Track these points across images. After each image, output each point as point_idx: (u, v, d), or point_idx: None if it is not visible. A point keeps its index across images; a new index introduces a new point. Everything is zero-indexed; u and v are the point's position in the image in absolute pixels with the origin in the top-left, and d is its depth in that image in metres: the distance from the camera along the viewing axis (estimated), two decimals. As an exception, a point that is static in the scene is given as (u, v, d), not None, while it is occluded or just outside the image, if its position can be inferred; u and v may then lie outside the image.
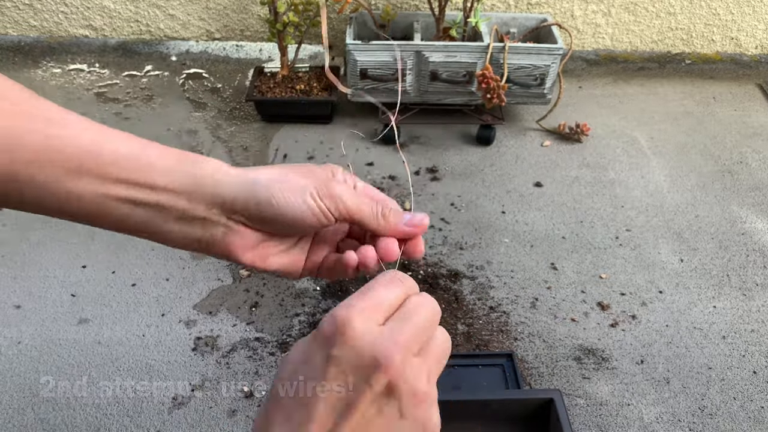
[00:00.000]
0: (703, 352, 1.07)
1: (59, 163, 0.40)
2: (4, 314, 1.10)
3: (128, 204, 0.42)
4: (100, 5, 1.85)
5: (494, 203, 1.38)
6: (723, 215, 1.36)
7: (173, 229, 0.43)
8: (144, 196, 0.42)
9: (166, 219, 0.43)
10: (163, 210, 0.42)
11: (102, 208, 0.42)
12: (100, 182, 0.41)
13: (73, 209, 0.41)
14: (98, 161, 0.40)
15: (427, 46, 1.44)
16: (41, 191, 0.40)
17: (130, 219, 0.43)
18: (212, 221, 0.43)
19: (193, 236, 0.44)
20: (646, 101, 1.74)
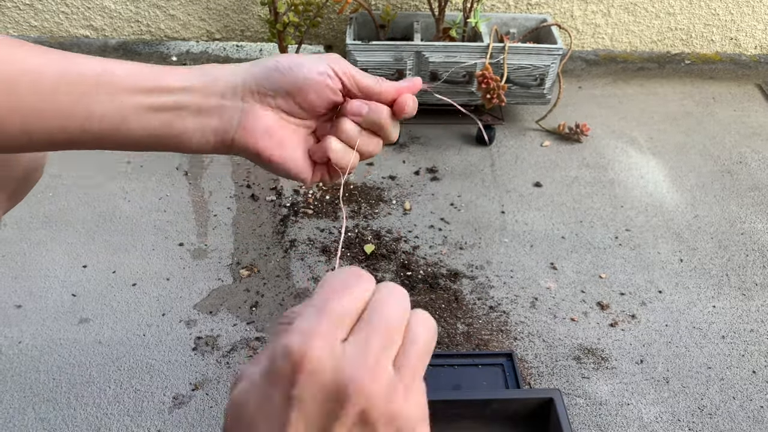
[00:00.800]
0: (702, 351, 1.07)
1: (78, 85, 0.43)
2: (5, 314, 1.10)
3: (147, 111, 0.45)
4: (100, 5, 1.85)
5: (494, 203, 1.38)
6: (722, 215, 1.36)
7: (190, 125, 0.46)
8: (161, 99, 0.45)
9: (184, 116, 0.46)
10: (180, 109, 0.45)
11: (123, 120, 0.44)
12: (118, 94, 0.44)
13: (95, 128, 0.44)
14: (113, 77, 0.44)
15: (427, 46, 1.44)
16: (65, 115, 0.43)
17: (150, 126, 0.45)
18: (227, 107, 0.46)
19: (209, 127, 0.46)
20: (645, 101, 1.74)
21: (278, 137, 0.48)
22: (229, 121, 0.46)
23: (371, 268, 1.20)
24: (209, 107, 0.46)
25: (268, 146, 0.47)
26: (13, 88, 0.42)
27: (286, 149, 0.48)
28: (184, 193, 1.39)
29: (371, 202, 1.36)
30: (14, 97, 0.42)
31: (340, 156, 0.49)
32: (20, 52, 0.43)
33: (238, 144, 0.47)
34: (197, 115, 0.46)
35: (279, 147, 0.48)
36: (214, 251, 1.24)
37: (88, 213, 1.32)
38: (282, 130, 0.48)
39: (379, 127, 0.50)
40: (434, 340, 0.33)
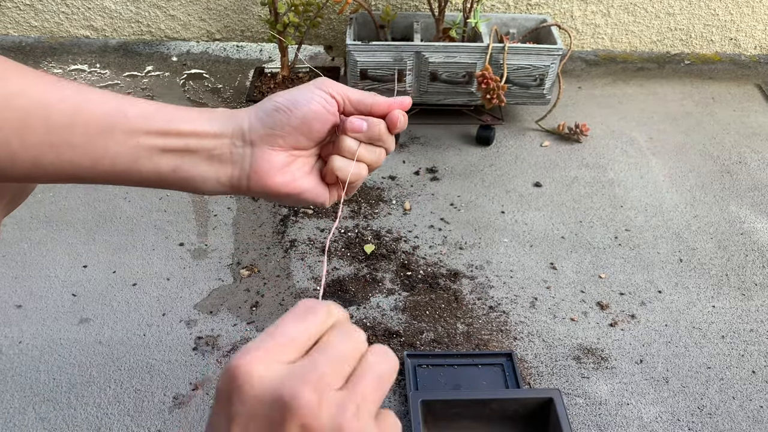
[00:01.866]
0: (702, 351, 1.07)
1: (92, 124, 0.44)
2: (5, 314, 1.10)
3: (159, 153, 0.46)
4: (101, 6, 1.86)
5: (494, 203, 1.38)
6: (722, 215, 1.36)
7: (205, 170, 0.48)
8: (173, 142, 0.46)
9: (196, 161, 0.47)
10: (191, 153, 0.47)
11: (135, 160, 0.46)
12: (131, 136, 0.45)
13: (107, 167, 0.45)
14: (127, 118, 0.45)
15: (426, 46, 1.45)
16: (77, 153, 0.44)
17: (162, 167, 0.46)
18: (238, 153, 0.48)
19: (224, 173, 0.48)
20: (645, 101, 1.75)
21: (290, 172, 0.50)
22: (241, 167, 0.48)
23: (371, 267, 1.20)
24: (220, 154, 0.48)
25: (283, 183, 0.49)
26: (26, 123, 0.42)
27: (301, 181, 0.50)
28: (184, 193, 1.39)
29: (371, 202, 1.37)
30: (28, 131, 0.42)
31: (346, 172, 0.51)
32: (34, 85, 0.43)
33: (254, 187, 0.49)
34: (209, 160, 0.47)
35: (293, 181, 0.50)
36: (215, 251, 1.24)
37: (88, 213, 1.33)
38: (293, 164, 0.50)
39: (378, 139, 0.52)
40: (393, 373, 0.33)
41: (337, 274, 1.19)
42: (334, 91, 0.50)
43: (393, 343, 1.06)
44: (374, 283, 1.17)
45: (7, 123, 0.41)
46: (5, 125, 0.41)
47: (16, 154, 0.42)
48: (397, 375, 1.03)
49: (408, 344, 1.06)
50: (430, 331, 1.09)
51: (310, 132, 0.49)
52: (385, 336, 1.07)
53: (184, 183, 0.48)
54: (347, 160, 0.51)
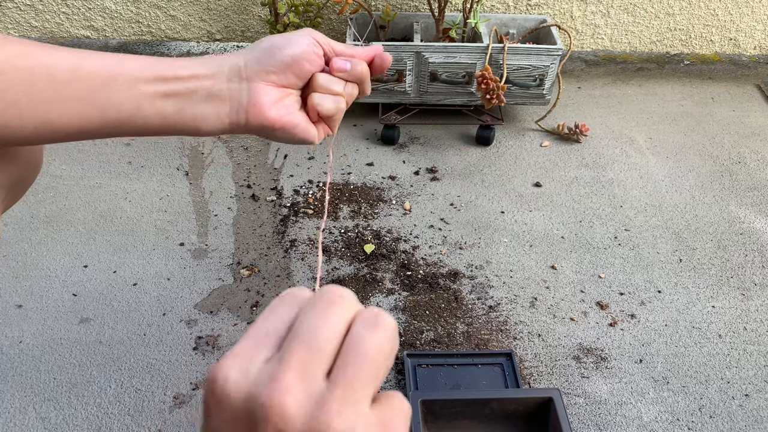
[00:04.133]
0: (701, 351, 1.07)
1: (94, 77, 0.47)
2: (6, 314, 1.10)
3: (161, 97, 0.49)
4: (101, 6, 1.86)
5: (493, 203, 1.38)
6: (721, 215, 1.37)
7: (205, 109, 0.51)
8: (173, 86, 0.49)
9: (196, 101, 0.51)
10: (191, 95, 0.50)
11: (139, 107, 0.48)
12: (132, 84, 0.48)
13: (113, 116, 0.48)
14: (126, 69, 0.48)
15: (426, 46, 1.45)
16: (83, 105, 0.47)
17: (165, 112, 0.50)
18: (235, 89, 0.52)
19: (224, 110, 0.52)
20: (644, 102, 1.75)
21: (284, 106, 0.54)
22: (239, 102, 0.52)
23: (371, 267, 1.20)
24: (219, 91, 0.51)
25: (279, 115, 0.53)
26: (30, 81, 0.45)
27: (294, 115, 0.55)
28: (184, 193, 1.39)
29: (371, 202, 1.37)
30: (32, 89, 0.45)
31: (326, 105, 0.56)
32: (31, 48, 0.46)
33: (252, 120, 0.53)
34: (209, 100, 0.51)
35: (288, 114, 0.54)
36: (215, 251, 1.24)
37: (89, 213, 1.33)
38: (284, 100, 0.54)
39: (359, 78, 0.58)
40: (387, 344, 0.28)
41: (337, 273, 1.19)
42: (321, 39, 0.56)
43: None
44: (374, 282, 1.18)
45: (13, 82, 0.44)
46: (11, 84, 0.44)
47: (25, 113, 0.45)
48: (397, 375, 1.03)
49: (408, 344, 1.06)
50: (430, 331, 1.09)
51: (300, 71, 0.54)
52: (385, 336, 1.07)
53: (187, 124, 0.51)
54: (326, 95, 0.56)
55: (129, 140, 1.54)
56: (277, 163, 1.48)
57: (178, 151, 1.52)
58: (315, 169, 1.46)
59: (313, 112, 0.56)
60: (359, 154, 1.52)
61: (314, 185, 1.41)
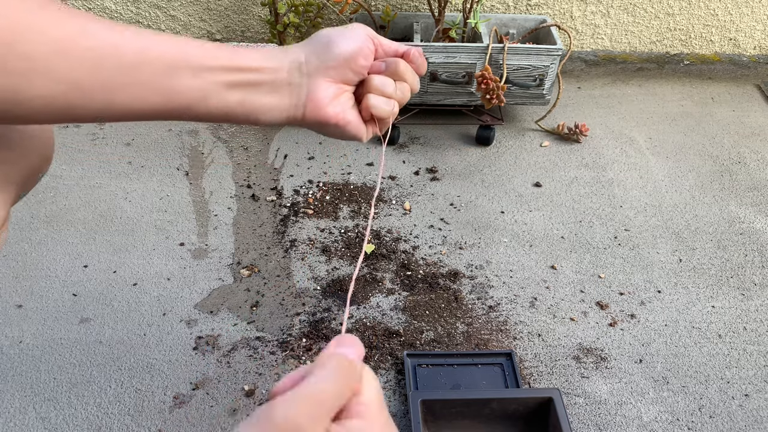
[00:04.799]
0: (701, 351, 1.07)
1: (158, 63, 0.47)
2: (6, 313, 1.10)
3: (224, 87, 0.50)
4: (101, 6, 1.86)
5: (493, 203, 1.38)
6: (721, 215, 1.37)
7: (268, 101, 0.53)
8: (236, 77, 0.50)
9: (260, 94, 0.52)
10: (254, 86, 0.51)
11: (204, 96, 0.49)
12: (197, 73, 0.49)
13: (176, 104, 0.49)
14: (191, 56, 0.48)
15: (426, 46, 1.45)
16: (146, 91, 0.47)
17: (230, 101, 0.51)
18: (296, 83, 0.53)
19: (284, 103, 0.53)
20: (644, 102, 1.75)
21: (340, 103, 0.56)
22: (298, 96, 0.54)
23: (371, 267, 1.20)
24: (281, 85, 0.53)
25: (334, 113, 0.55)
26: (96, 63, 0.44)
27: (348, 112, 0.56)
28: (184, 193, 1.39)
29: (371, 202, 1.37)
30: (98, 72, 0.44)
31: (381, 107, 0.58)
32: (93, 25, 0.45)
33: (309, 115, 0.54)
34: (271, 93, 0.52)
35: (343, 112, 0.56)
36: (215, 251, 1.24)
37: (89, 213, 1.33)
38: (340, 97, 0.56)
39: (400, 75, 0.59)
40: None
41: (337, 273, 1.19)
42: (371, 35, 0.57)
43: (393, 342, 1.07)
44: (374, 282, 1.18)
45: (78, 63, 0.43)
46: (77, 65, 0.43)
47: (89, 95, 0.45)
48: (397, 375, 1.03)
49: (408, 344, 1.07)
50: (430, 331, 1.09)
51: (356, 66, 0.55)
52: (385, 336, 1.08)
53: (247, 115, 0.52)
54: (381, 97, 0.57)
55: (129, 140, 1.54)
56: (277, 163, 1.48)
57: (178, 151, 1.52)
58: (315, 169, 1.46)
59: (367, 112, 0.58)
60: (359, 154, 1.52)
61: (314, 185, 1.41)
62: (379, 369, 1.03)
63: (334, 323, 1.10)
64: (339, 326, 1.10)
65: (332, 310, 1.12)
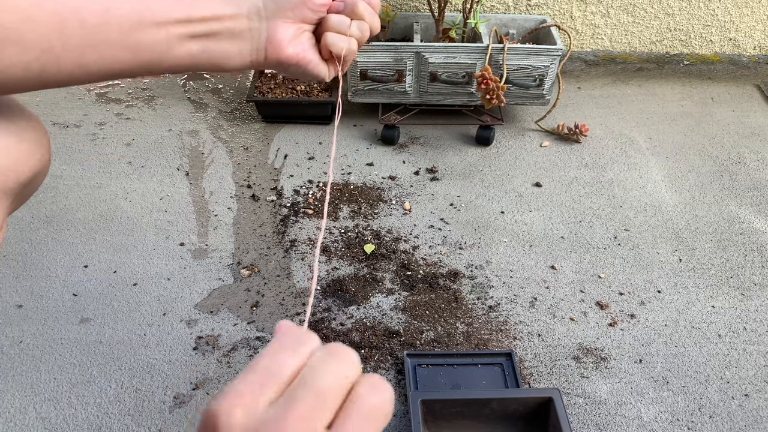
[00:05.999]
0: (701, 351, 1.08)
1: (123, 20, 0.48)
2: (6, 313, 1.10)
3: (188, 39, 0.52)
4: (100, 6, 1.86)
5: (493, 203, 1.38)
6: (721, 215, 1.37)
7: (229, 48, 0.54)
8: (198, 28, 0.52)
9: (220, 41, 0.54)
10: (216, 35, 0.53)
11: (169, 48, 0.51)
12: (160, 27, 0.50)
13: (145, 58, 0.51)
14: (153, 11, 0.50)
15: (426, 47, 1.45)
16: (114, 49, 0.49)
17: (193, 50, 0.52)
18: (255, 28, 0.55)
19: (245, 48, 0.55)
20: (644, 102, 1.75)
21: (300, 43, 0.57)
22: (259, 40, 0.55)
23: (371, 267, 1.21)
24: (241, 31, 0.54)
25: (294, 53, 0.57)
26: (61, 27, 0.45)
27: (308, 52, 0.58)
28: (185, 193, 1.39)
29: (371, 202, 1.37)
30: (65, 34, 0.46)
31: (339, 45, 0.59)
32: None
33: (270, 57, 0.56)
34: (231, 39, 0.54)
35: (303, 51, 0.58)
36: (215, 251, 1.24)
37: (89, 213, 1.33)
38: (300, 37, 0.57)
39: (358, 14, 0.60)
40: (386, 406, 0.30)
41: (337, 273, 1.20)
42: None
43: (393, 342, 1.07)
44: (374, 282, 1.18)
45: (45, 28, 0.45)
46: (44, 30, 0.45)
47: (60, 58, 0.46)
48: (397, 375, 1.03)
49: (408, 344, 1.07)
50: (430, 331, 1.09)
51: (313, 5, 0.57)
52: (385, 336, 1.08)
53: (212, 62, 0.54)
54: (338, 35, 0.59)
55: (129, 140, 1.54)
56: (277, 163, 1.48)
57: (178, 151, 1.52)
58: (315, 169, 1.46)
59: (326, 50, 0.59)
60: (359, 154, 1.52)
61: (314, 185, 1.41)
62: (379, 369, 1.03)
63: (334, 323, 1.10)
64: (339, 326, 1.10)
65: (332, 310, 1.12)
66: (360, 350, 1.06)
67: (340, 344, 0.32)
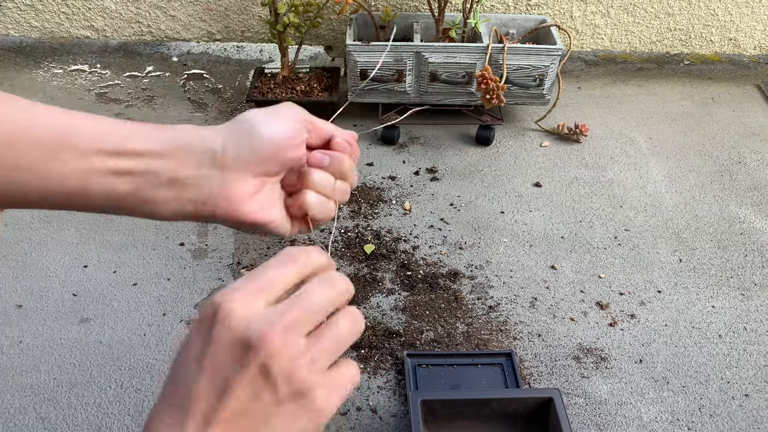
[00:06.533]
0: (701, 351, 1.07)
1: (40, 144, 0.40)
2: (6, 314, 1.10)
3: (112, 175, 0.42)
4: (101, 6, 1.86)
5: (493, 203, 1.38)
6: (721, 215, 1.37)
7: (164, 195, 0.43)
8: (128, 164, 0.42)
9: (155, 186, 0.43)
10: (151, 176, 0.42)
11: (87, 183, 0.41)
12: (81, 157, 0.41)
13: (57, 190, 0.41)
14: (77, 137, 0.41)
15: (426, 47, 1.45)
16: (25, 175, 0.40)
17: (116, 191, 0.42)
18: (205, 176, 0.44)
19: (185, 198, 0.44)
20: (644, 102, 1.75)
21: (259, 200, 0.46)
22: (209, 192, 0.44)
23: (371, 267, 1.20)
24: (185, 178, 0.43)
25: (252, 211, 0.46)
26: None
27: (268, 210, 0.47)
28: (184, 193, 1.39)
29: (371, 202, 1.37)
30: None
31: (318, 209, 0.48)
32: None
33: (221, 214, 0.45)
34: (170, 184, 0.43)
35: (261, 210, 0.46)
36: (215, 251, 1.24)
37: (88, 213, 1.32)
38: (261, 192, 0.46)
39: (344, 174, 0.49)
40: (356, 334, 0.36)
41: (337, 274, 1.19)
42: (304, 118, 0.48)
43: (393, 342, 1.07)
44: (374, 282, 1.18)
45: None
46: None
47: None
48: (397, 375, 1.03)
49: (408, 344, 1.06)
50: (430, 331, 1.09)
51: (284, 159, 0.46)
52: (385, 336, 1.08)
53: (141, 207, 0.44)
54: (319, 196, 0.48)
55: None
56: (277, 163, 1.48)
57: (178, 151, 1.51)
58: (315, 169, 1.46)
59: (300, 210, 0.48)
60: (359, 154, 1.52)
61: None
62: (379, 369, 1.03)
63: (334, 323, 1.10)
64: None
65: (332, 310, 1.12)
66: (360, 350, 1.06)
67: (342, 276, 0.36)
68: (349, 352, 1.05)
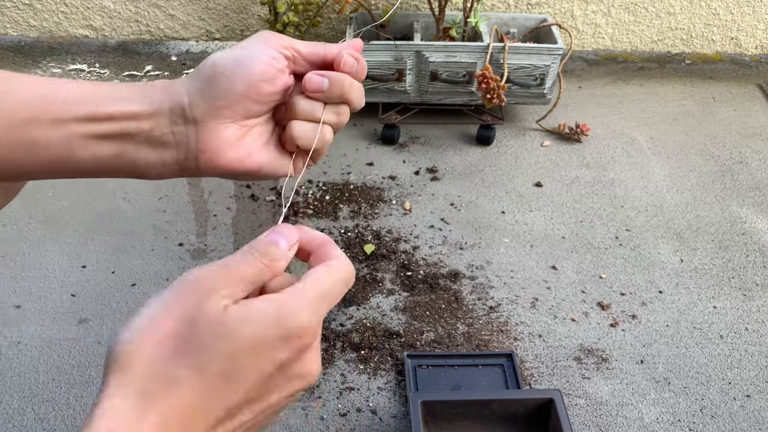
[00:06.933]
0: (703, 352, 1.07)
1: (16, 114, 0.40)
2: (4, 314, 1.10)
3: (93, 140, 0.42)
4: (100, 5, 1.85)
5: (494, 203, 1.38)
6: (723, 215, 1.36)
7: (147, 155, 0.43)
8: (106, 128, 0.42)
9: (136, 146, 0.43)
10: (129, 138, 0.42)
11: (70, 150, 0.41)
12: (59, 124, 0.41)
13: (42, 159, 0.41)
14: (51, 105, 0.41)
15: (427, 46, 1.44)
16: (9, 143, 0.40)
17: (101, 155, 0.42)
18: (180, 132, 0.43)
19: (169, 156, 0.43)
20: (645, 101, 1.74)
21: (244, 146, 0.44)
22: (187, 147, 0.43)
23: (371, 268, 1.20)
24: (161, 135, 0.42)
25: (237, 159, 0.44)
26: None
27: (257, 155, 0.45)
28: (183, 193, 1.38)
29: (371, 202, 1.36)
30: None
31: (309, 139, 0.45)
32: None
33: (204, 168, 0.44)
34: (150, 144, 0.43)
35: (248, 156, 0.44)
36: (214, 251, 1.24)
37: (87, 213, 1.32)
38: (246, 137, 0.44)
39: (341, 96, 0.45)
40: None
41: (337, 274, 1.19)
42: (281, 45, 0.44)
43: (393, 343, 1.06)
44: (374, 283, 1.17)
45: None
46: None
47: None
48: (398, 375, 1.02)
49: (408, 344, 1.06)
50: (431, 332, 1.09)
51: (259, 96, 0.43)
52: (385, 336, 1.07)
53: (128, 169, 0.44)
54: (309, 124, 0.45)
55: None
56: (276, 162, 1.48)
57: (177, 150, 1.51)
58: (315, 169, 1.45)
59: (292, 144, 0.45)
60: (359, 153, 1.51)
61: (314, 185, 1.41)
62: (379, 370, 1.02)
63: (334, 324, 1.09)
64: (339, 327, 1.09)
65: (332, 311, 1.12)
66: (360, 351, 1.05)
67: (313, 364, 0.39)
68: (350, 352, 1.05)
